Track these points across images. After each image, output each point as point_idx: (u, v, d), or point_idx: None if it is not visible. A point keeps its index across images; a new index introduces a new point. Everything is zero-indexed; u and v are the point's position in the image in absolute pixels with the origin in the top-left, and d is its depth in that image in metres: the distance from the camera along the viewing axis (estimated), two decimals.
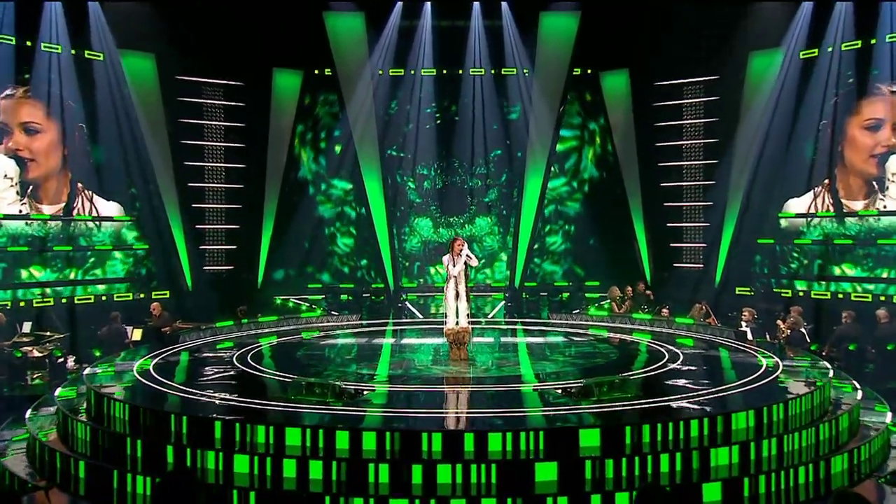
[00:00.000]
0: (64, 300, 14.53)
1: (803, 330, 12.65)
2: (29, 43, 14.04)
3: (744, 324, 13.17)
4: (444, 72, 17.51)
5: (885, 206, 14.03)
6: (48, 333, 12.49)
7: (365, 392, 8.79)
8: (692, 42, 16.10)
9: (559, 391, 8.76)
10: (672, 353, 11.27)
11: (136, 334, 13.07)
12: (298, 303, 16.55)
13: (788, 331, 12.62)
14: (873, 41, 14.08)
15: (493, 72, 17.50)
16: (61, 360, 12.12)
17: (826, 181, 14.81)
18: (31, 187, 14.28)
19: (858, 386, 9.90)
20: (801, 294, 14.98)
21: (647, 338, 12.97)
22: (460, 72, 17.51)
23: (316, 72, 17.39)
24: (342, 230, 17.83)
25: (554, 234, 17.95)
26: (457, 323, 10.75)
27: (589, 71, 17.59)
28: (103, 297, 15.03)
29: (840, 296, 14.52)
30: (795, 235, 15.32)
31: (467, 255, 10.67)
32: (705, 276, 16.38)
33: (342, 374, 9.93)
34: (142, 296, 15.46)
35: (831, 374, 9.86)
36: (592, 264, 17.60)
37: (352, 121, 17.22)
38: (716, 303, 14.94)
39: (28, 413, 9.61)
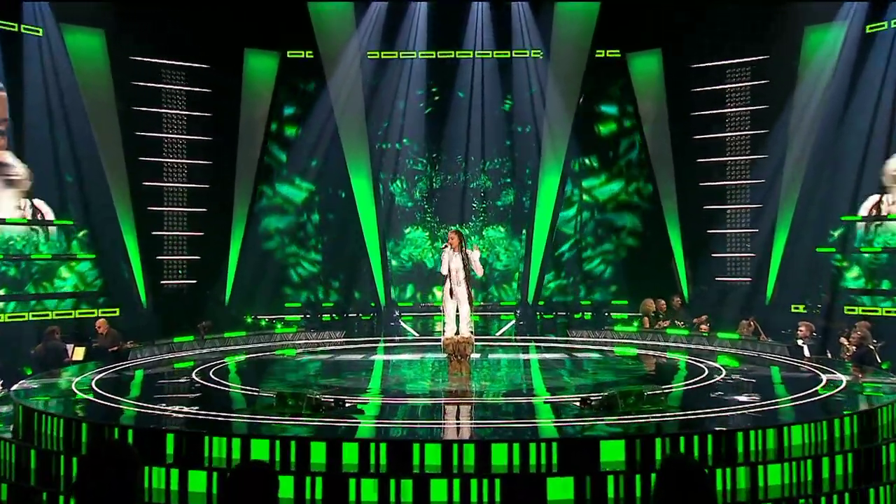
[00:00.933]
0: None
1: (872, 347, 12.53)
2: None
3: (800, 340, 13.10)
4: (441, 54, 17.64)
5: None
6: None
7: (347, 403, 8.70)
8: (736, 16, 16.15)
9: (577, 403, 8.68)
10: (713, 368, 11.30)
11: (79, 353, 13.01)
12: (273, 321, 16.48)
13: (854, 347, 12.51)
14: None
15: (497, 55, 17.60)
16: None
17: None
18: None
19: None
20: (867, 311, 14.81)
21: (684, 355, 12.97)
22: (460, 54, 17.67)
23: (294, 53, 17.49)
24: (308, 242, 17.87)
25: (595, 252, 17.90)
26: (457, 332, 10.72)
27: (615, 52, 17.64)
28: (41, 315, 14.93)
29: None
30: (860, 243, 15.22)
31: (466, 254, 10.68)
32: (753, 290, 16.28)
33: (321, 387, 9.88)
34: (86, 313, 15.38)
35: None
36: (620, 277, 17.61)
37: (336, 109, 17.29)
38: (766, 320, 14.82)
39: None
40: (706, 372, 10.98)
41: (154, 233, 16.70)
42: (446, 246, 10.83)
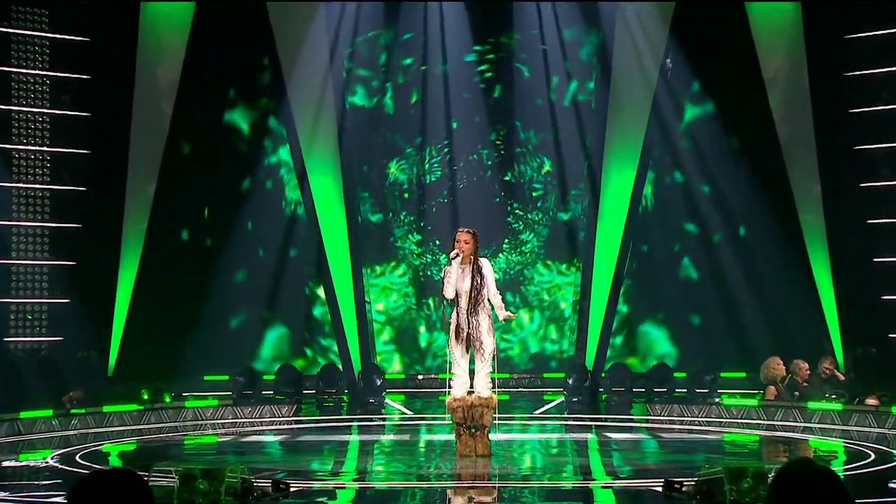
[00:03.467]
0: None
1: None
2: None
3: None
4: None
5: None
6: None
7: (293, 488, 8.82)
8: None
9: (660, 489, 8.74)
10: (886, 452, 11.51)
11: None
12: (184, 395, 16.53)
13: None
14: None
15: None
16: None
17: None
18: None
19: None
20: None
21: (838, 438, 13.25)
22: None
23: None
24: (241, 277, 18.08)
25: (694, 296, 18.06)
26: (470, 390, 10.74)
27: None
28: None
29: None
30: None
31: (479, 268, 10.83)
32: None
33: (255, 470, 9.93)
34: None
35: None
36: (729, 332, 17.67)
37: (287, 73, 17.68)
38: None
39: None
40: (872, 456, 11.08)
41: None
42: (456, 256, 10.88)
